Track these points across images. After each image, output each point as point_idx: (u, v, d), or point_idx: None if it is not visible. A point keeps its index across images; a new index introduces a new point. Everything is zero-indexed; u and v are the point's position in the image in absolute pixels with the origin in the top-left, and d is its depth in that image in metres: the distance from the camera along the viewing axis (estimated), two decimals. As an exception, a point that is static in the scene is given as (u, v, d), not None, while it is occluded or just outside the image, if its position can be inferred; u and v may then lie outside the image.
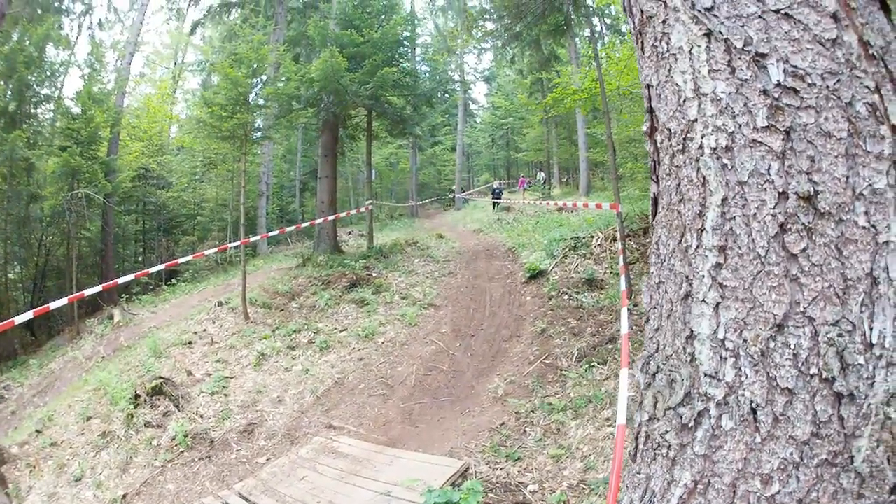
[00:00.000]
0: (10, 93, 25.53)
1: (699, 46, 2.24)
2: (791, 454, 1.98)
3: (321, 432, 9.44)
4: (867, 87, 1.99)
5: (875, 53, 2.02)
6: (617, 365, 9.04)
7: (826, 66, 2.01)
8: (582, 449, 7.24)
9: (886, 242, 1.91)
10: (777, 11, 2.08)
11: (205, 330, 14.68)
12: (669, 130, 2.37)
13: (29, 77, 25.88)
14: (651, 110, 2.53)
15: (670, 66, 2.36)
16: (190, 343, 13.87)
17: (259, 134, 20.05)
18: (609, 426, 7.44)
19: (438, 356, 11.94)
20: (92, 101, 26.47)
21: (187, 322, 16.00)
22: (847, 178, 1.96)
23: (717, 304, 2.13)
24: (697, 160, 2.23)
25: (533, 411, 8.59)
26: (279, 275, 19.59)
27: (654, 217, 2.57)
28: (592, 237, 16.15)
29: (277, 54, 20.19)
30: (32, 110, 27.57)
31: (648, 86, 2.54)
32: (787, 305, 1.99)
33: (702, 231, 2.20)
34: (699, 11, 2.24)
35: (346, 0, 23.51)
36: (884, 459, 1.89)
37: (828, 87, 2.00)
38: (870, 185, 1.94)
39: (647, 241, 13.53)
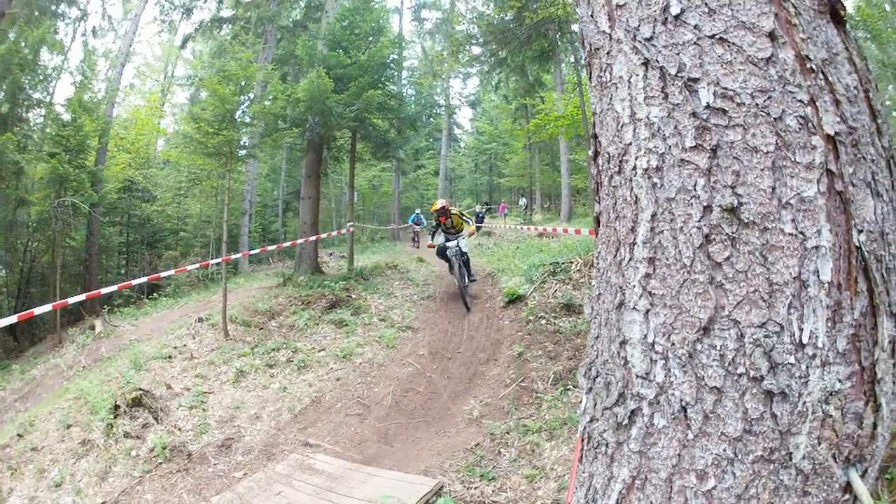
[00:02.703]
0: (3, 94, 25.47)
1: (637, 75, 2.41)
2: (724, 450, 2.13)
3: (298, 449, 9.52)
4: (800, 100, 2.14)
5: (814, 66, 2.18)
6: None
7: (757, 84, 2.17)
8: (556, 469, 7.37)
9: (816, 247, 2.06)
10: (712, 37, 2.24)
11: (185, 345, 14.77)
12: (609, 154, 2.57)
13: (23, 80, 25.83)
14: (595, 136, 2.71)
15: (611, 95, 2.54)
16: (170, 357, 13.96)
17: (244, 152, 20.07)
18: None
19: (415, 378, 12.04)
20: (82, 110, 26.51)
21: (168, 336, 16.08)
22: (773, 188, 2.11)
23: (647, 310, 2.31)
24: (631, 180, 2.42)
25: (508, 433, 8.71)
26: (260, 293, 19.68)
27: (597, 235, 2.75)
28: (572, 263, 16.34)
29: (265, 73, 20.17)
30: (24, 114, 27.44)
31: (594, 113, 2.71)
32: (712, 310, 2.16)
33: (633, 245, 2.38)
34: (640, 42, 2.41)
35: (335, 21, 23.57)
36: (828, 457, 2.05)
37: (757, 104, 2.16)
38: (798, 193, 2.09)
39: None
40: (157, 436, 9.97)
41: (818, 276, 2.05)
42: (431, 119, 30.77)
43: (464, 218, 18.04)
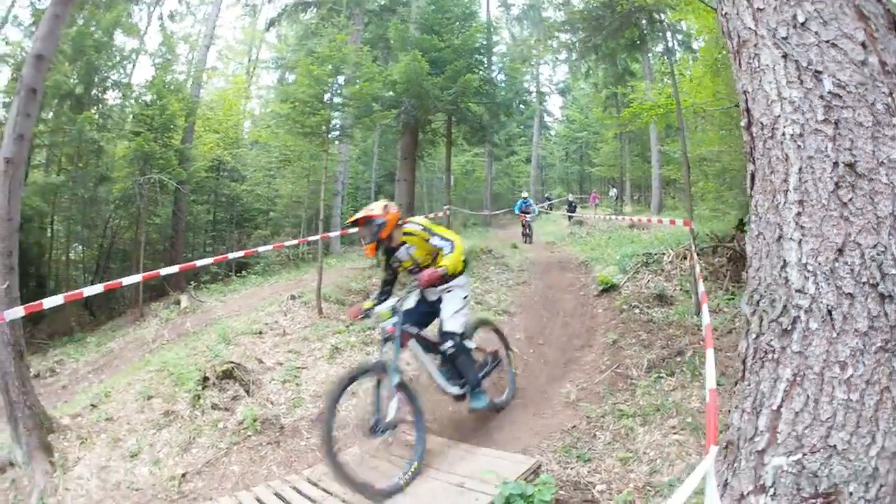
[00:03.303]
0: (76, 76, 26.08)
1: (779, 65, 3.45)
2: (857, 343, 3.06)
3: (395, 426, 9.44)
4: (884, 92, 3.18)
5: (890, 69, 3.23)
6: (684, 377, 9.38)
7: (858, 79, 3.20)
8: (649, 453, 7.42)
9: None
10: (827, 41, 3.29)
11: (276, 321, 14.83)
12: (762, 123, 3.59)
13: (97, 61, 26.51)
14: (748, 110, 3.71)
15: (761, 78, 3.57)
16: (261, 333, 14.02)
17: (337, 132, 20.08)
18: (675, 433, 7.70)
19: (512, 361, 11.78)
20: (166, 90, 27.03)
21: (258, 313, 16.18)
22: (874, 151, 3.13)
23: (800, 239, 3.31)
24: (782, 143, 3.44)
25: (603, 416, 8.71)
26: (353, 273, 19.78)
27: (751, 189, 3.76)
28: (664, 254, 16.37)
29: (360, 54, 20.24)
30: (101, 95, 28.22)
31: (745, 92, 3.73)
32: (844, 236, 3.16)
33: (787, 192, 3.40)
34: (779, 39, 3.46)
35: (426, 5, 23.73)
36: None
37: (859, 93, 3.19)
38: (888, 156, 3.11)
39: (717, 260, 14.29)
40: (248, 408, 9.97)
41: None
42: (522, 106, 30.43)
43: (434, 239, 7.95)
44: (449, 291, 8.22)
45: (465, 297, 8.33)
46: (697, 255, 12.16)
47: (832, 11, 3.31)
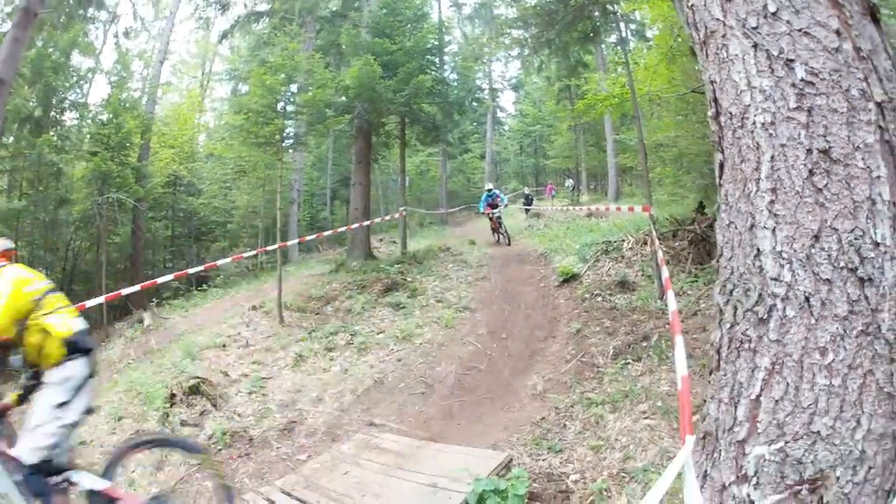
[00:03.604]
0: (35, 99, 25.81)
1: (749, 54, 3.44)
2: (837, 328, 3.03)
3: (362, 429, 9.47)
4: (859, 77, 3.17)
5: (864, 55, 3.21)
6: (651, 361, 9.43)
7: (831, 66, 3.20)
8: (621, 440, 7.43)
9: (878, 177, 3.07)
10: (799, 30, 3.27)
11: (239, 333, 14.79)
12: (731, 113, 3.55)
13: (55, 82, 26.36)
14: (715, 100, 3.69)
15: (729, 68, 3.54)
16: (224, 346, 13.94)
17: (291, 140, 20.01)
18: (645, 418, 7.72)
19: (476, 356, 12.07)
20: (122, 108, 26.87)
21: (221, 326, 16.10)
22: (849, 137, 3.12)
23: (774, 227, 3.26)
24: (752, 132, 3.40)
25: (572, 406, 8.71)
26: (312, 280, 19.83)
27: (720, 178, 3.73)
28: (623, 241, 16.43)
29: (312, 62, 20.14)
30: (59, 116, 28.04)
31: (712, 82, 3.71)
32: (819, 222, 3.12)
33: (758, 180, 3.36)
34: (748, 29, 3.43)
35: (378, 8, 23.74)
36: None
37: (833, 79, 3.18)
38: (863, 141, 3.10)
39: (678, 244, 14.26)
40: (217, 422, 9.95)
41: (881, 197, 3.07)
42: (475, 103, 30.01)
43: None
44: (38, 390, 4.98)
45: (62, 405, 4.91)
46: (658, 239, 12.20)
47: (804, 0, 3.30)
